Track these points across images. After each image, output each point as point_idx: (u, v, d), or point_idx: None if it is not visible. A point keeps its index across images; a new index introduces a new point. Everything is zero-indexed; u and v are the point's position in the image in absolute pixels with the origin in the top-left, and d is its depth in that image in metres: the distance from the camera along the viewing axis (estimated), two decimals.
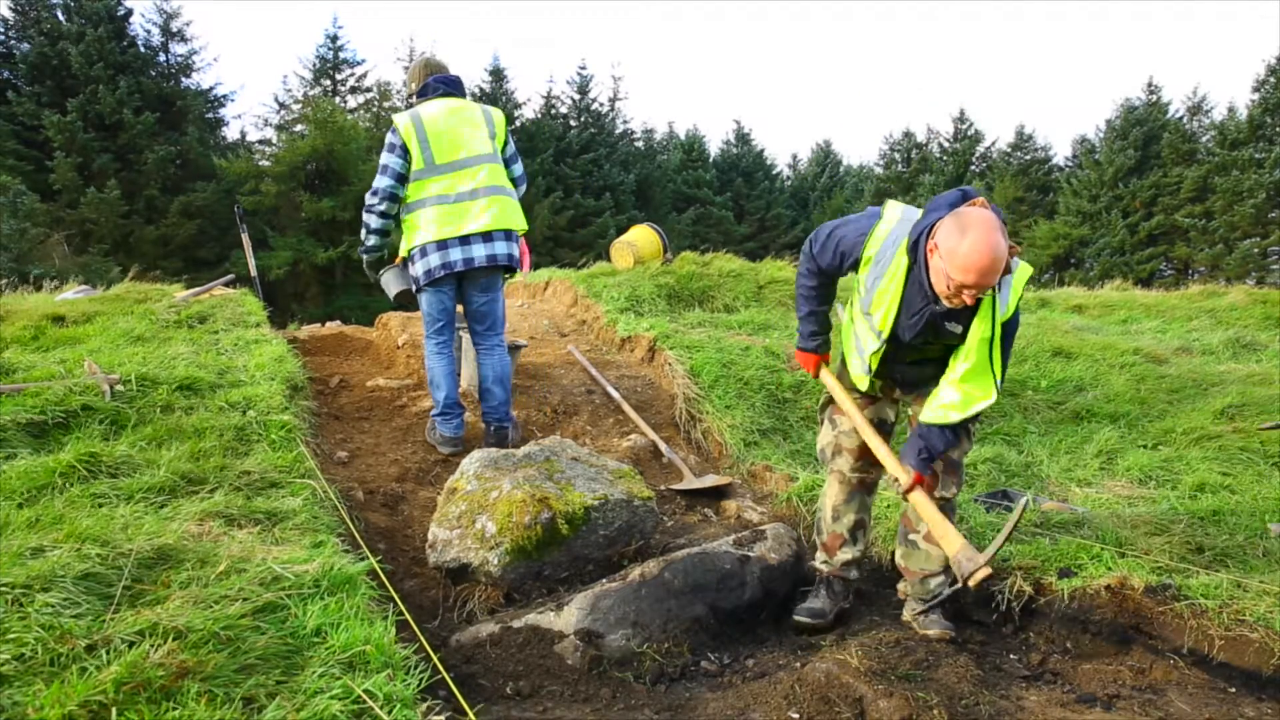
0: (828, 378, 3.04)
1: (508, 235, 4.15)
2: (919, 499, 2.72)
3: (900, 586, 3.09)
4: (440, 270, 4.03)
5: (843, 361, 3.07)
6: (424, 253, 4.04)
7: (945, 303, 2.50)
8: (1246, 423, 4.82)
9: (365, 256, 4.29)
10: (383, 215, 4.07)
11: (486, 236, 4.06)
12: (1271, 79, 26.13)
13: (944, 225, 2.43)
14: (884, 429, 3.03)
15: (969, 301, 2.46)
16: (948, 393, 2.70)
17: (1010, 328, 2.63)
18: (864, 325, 2.84)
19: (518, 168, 4.32)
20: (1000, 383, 2.67)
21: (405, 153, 3.98)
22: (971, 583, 2.47)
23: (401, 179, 4.00)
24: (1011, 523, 2.52)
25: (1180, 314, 8.44)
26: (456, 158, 4.03)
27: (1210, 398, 5.29)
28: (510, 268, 4.23)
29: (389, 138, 4.01)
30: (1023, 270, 2.62)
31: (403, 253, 4.17)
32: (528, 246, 9.94)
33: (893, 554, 3.21)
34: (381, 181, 3.99)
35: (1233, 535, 3.37)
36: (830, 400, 3.10)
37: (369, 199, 4.03)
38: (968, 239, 2.34)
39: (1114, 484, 4.20)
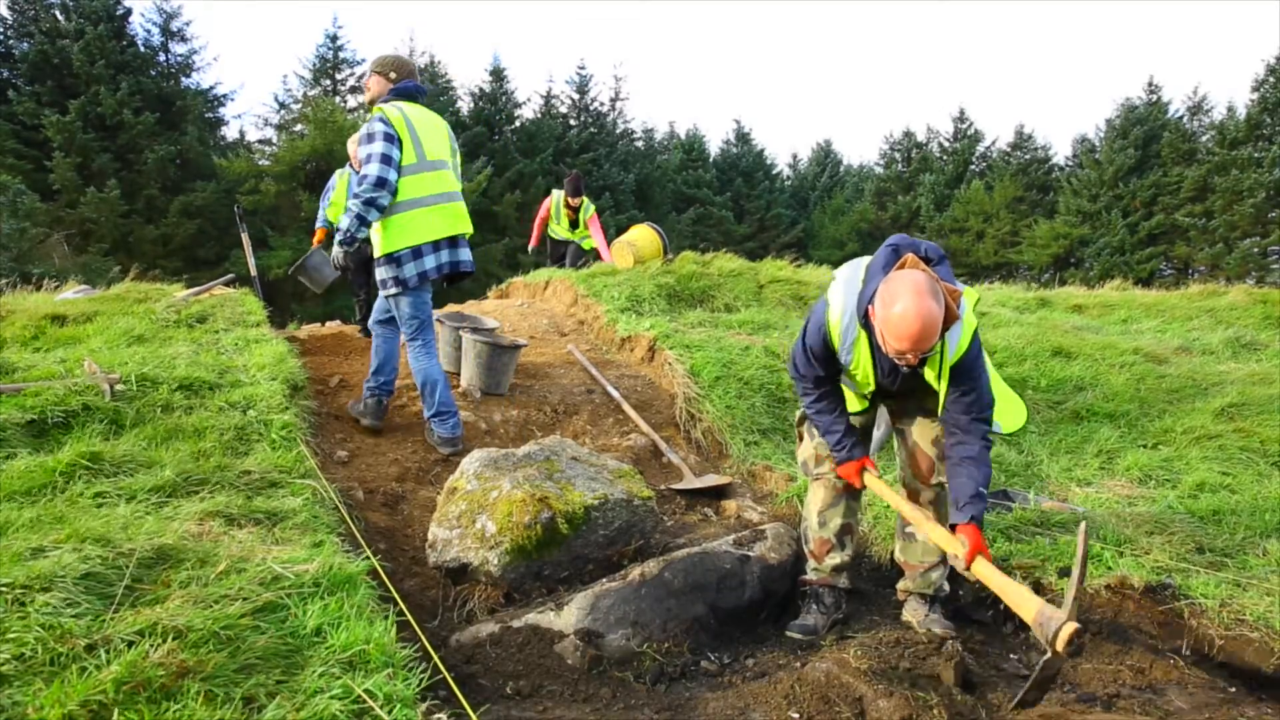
0: (873, 482, 2.94)
1: (468, 243, 4.22)
2: (983, 569, 2.48)
3: (900, 585, 3.09)
4: (435, 273, 4.01)
5: None
6: (418, 254, 3.96)
7: (898, 361, 2.51)
8: (1246, 422, 4.82)
9: (346, 248, 4.06)
10: (382, 209, 3.88)
11: (460, 241, 4.11)
12: (1271, 79, 26.12)
13: (878, 294, 2.47)
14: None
15: (914, 363, 2.47)
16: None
17: (968, 361, 2.64)
18: (850, 380, 2.91)
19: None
20: (990, 400, 2.72)
21: (401, 145, 3.88)
22: (1059, 644, 2.18)
23: (399, 171, 3.88)
24: (1080, 562, 2.28)
25: (1180, 313, 8.44)
26: (440, 158, 4.04)
27: (1210, 397, 5.29)
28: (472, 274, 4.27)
29: (380, 128, 3.85)
30: (968, 299, 2.65)
31: (383, 249, 3.99)
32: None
33: (891, 553, 3.21)
34: (386, 173, 3.81)
35: (1233, 535, 3.37)
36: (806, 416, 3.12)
37: (370, 190, 3.81)
38: (896, 310, 2.36)
39: (1114, 483, 4.20)
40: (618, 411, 5.06)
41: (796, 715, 2.29)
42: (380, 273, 4.04)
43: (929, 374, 2.66)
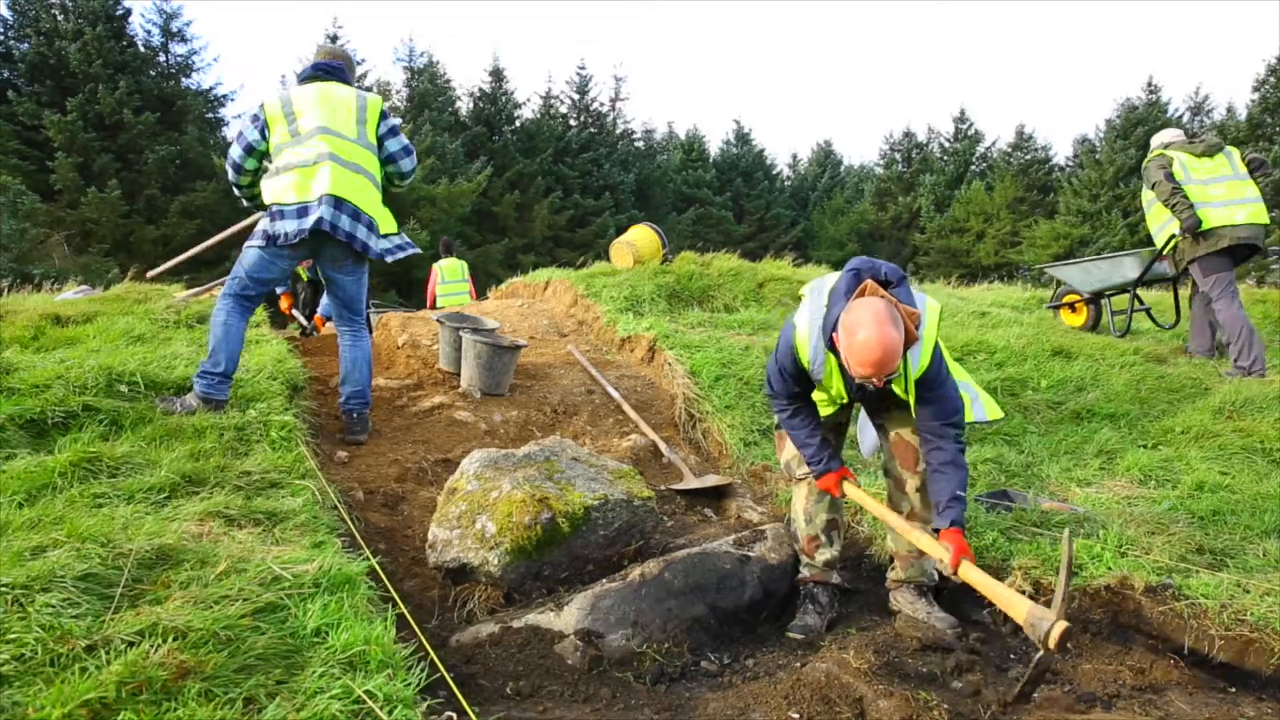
0: (853, 491, 3.00)
1: (356, 215, 4.00)
2: (970, 573, 2.56)
3: (892, 575, 3.12)
4: (295, 236, 3.90)
5: None
6: (281, 215, 3.95)
7: (864, 383, 2.60)
8: (1246, 421, 4.81)
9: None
10: (235, 185, 4.24)
11: (344, 206, 3.94)
12: (1272, 79, 26.12)
13: (841, 322, 2.55)
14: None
15: (878, 385, 2.56)
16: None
17: (931, 375, 2.72)
18: (824, 391, 2.97)
19: (395, 143, 4.22)
20: (955, 396, 2.80)
21: (265, 128, 4.05)
22: (1051, 644, 2.30)
23: (251, 150, 4.09)
24: (1065, 566, 2.36)
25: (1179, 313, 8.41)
26: (328, 126, 3.98)
27: (1210, 396, 5.29)
28: (365, 255, 4.09)
29: (252, 111, 4.15)
30: (930, 315, 2.74)
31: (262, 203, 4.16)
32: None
33: (891, 554, 3.21)
34: (233, 151, 4.14)
35: (1233, 535, 3.37)
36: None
37: (230, 161, 4.19)
38: (857, 338, 2.44)
39: (1114, 484, 4.19)
40: (618, 412, 5.06)
41: (796, 715, 2.29)
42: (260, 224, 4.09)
43: (897, 389, 2.77)
